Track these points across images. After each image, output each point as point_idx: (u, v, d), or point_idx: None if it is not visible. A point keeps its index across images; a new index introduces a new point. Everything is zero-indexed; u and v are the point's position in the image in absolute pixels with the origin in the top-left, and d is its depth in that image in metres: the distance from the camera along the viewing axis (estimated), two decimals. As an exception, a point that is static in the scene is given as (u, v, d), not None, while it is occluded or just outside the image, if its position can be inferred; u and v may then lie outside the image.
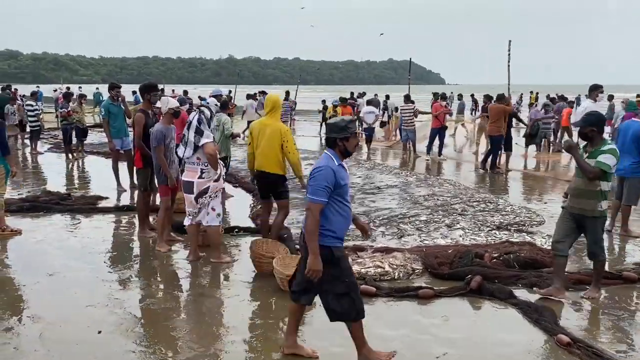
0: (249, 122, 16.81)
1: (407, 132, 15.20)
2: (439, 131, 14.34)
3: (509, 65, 13.73)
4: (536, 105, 18.29)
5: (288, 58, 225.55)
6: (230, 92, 24.58)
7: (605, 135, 5.17)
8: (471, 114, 27.02)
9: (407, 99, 15.49)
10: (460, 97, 25.01)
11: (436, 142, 14.46)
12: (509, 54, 13.64)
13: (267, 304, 4.87)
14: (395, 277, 5.43)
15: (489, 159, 12.45)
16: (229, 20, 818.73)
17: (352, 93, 23.82)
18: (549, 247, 6.26)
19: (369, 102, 21.99)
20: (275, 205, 6.22)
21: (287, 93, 21.23)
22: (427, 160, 14.15)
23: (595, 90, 9.55)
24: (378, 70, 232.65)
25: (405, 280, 5.41)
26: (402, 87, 21.88)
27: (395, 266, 5.57)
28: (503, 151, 12.77)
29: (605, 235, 5.91)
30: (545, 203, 9.05)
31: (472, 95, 28.34)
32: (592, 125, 4.85)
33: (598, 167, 4.73)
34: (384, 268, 5.52)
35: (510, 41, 13.66)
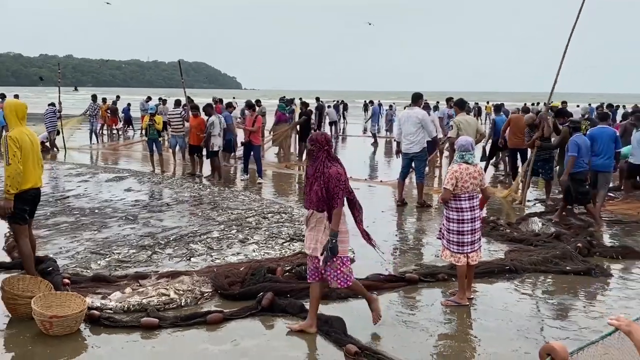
0: None
1: (176, 139, 16.16)
2: (251, 148, 14.10)
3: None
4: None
5: (58, 55, 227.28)
6: None
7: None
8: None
9: (177, 104, 17.41)
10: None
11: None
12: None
13: (25, 354, 4.96)
14: (182, 304, 5.88)
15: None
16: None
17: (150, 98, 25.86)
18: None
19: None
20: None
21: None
22: (243, 179, 14.26)
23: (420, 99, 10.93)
24: (167, 72, 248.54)
25: (194, 306, 5.89)
26: (197, 91, 23.09)
27: (181, 292, 6.03)
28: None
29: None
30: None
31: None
32: None
33: None
34: (169, 295, 5.93)
35: None
